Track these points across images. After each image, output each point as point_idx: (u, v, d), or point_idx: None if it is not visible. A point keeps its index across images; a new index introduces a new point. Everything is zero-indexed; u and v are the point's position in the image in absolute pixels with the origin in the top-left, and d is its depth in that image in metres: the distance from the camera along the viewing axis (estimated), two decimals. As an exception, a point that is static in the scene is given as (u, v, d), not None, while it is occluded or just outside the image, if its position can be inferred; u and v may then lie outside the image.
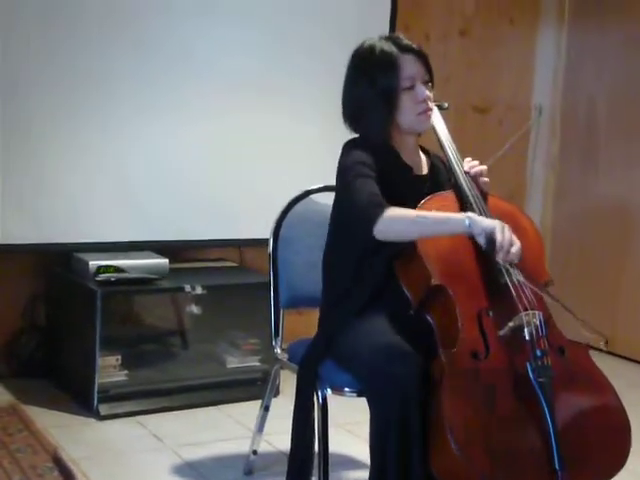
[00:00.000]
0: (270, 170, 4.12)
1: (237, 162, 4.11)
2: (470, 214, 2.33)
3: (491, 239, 2.25)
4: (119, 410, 3.61)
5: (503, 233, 2.25)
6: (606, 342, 2.37)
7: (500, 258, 2.26)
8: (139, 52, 3.84)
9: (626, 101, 5.02)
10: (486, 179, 2.62)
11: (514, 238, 2.29)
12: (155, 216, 3.94)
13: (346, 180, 2.46)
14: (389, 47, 2.52)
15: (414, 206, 2.42)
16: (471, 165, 2.62)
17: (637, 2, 4.94)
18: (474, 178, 2.59)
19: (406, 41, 2.55)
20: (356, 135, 2.61)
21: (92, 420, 3.55)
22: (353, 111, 2.59)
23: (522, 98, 5.45)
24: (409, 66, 2.51)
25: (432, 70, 2.58)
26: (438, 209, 2.42)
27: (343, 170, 2.50)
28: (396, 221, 2.35)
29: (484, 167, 2.63)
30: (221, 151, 4.08)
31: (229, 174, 4.10)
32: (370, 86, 2.51)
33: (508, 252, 2.25)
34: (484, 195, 2.56)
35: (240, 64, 4.06)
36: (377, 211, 2.34)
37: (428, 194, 2.52)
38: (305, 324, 2.71)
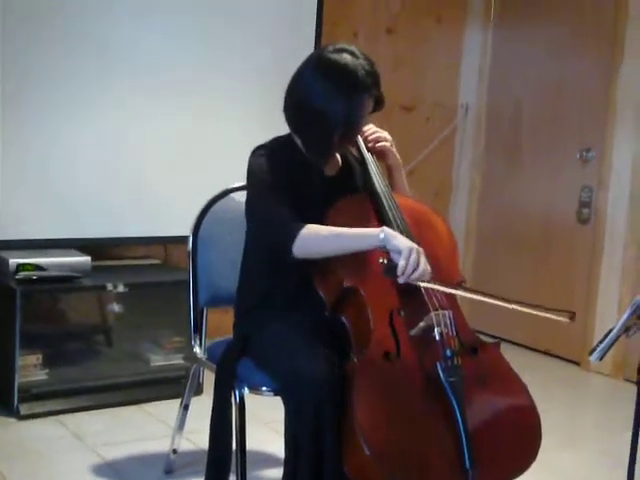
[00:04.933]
0: (193, 167, 4.11)
1: (161, 160, 4.09)
2: (386, 229, 2.32)
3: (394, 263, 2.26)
4: (40, 410, 3.58)
5: (408, 259, 2.24)
6: (572, 316, 2.18)
7: (401, 280, 2.27)
8: (62, 48, 3.78)
9: (550, 101, 5.10)
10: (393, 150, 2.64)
11: (422, 260, 2.27)
12: (78, 213, 3.89)
13: (258, 194, 2.45)
14: (369, 79, 2.40)
15: (324, 208, 2.40)
16: (374, 138, 2.61)
17: (562, 3, 5.02)
18: (380, 154, 2.60)
19: (372, 79, 2.43)
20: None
21: (12, 420, 3.51)
22: (308, 119, 2.46)
23: (449, 96, 5.50)
24: (368, 108, 2.47)
25: None
26: (352, 215, 2.40)
27: (255, 183, 2.47)
28: (313, 239, 2.33)
29: (387, 140, 2.63)
30: (145, 149, 4.05)
31: (153, 171, 4.08)
32: (343, 113, 2.40)
33: (408, 276, 2.25)
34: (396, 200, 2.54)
35: (161, 62, 4.05)
36: (295, 229, 2.33)
37: (340, 194, 2.51)
38: (230, 322, 2.71)
